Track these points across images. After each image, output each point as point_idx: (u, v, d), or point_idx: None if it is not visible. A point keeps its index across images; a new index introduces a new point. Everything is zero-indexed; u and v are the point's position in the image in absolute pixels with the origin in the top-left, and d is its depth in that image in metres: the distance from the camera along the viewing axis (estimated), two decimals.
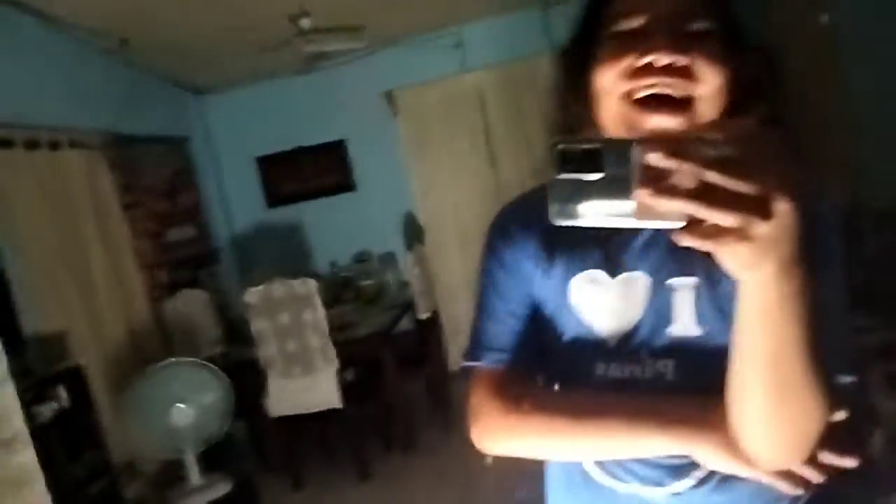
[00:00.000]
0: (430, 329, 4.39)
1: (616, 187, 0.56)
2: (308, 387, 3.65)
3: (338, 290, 4.73)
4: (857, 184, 3.87)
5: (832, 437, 0.74)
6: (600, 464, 0.90)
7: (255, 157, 5.53)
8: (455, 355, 4.65)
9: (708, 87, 0.75)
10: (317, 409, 3.67)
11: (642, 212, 0.56)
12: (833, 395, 0.70)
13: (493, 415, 0.90)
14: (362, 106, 5.26)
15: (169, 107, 5.11)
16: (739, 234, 0.53)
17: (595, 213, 0.58)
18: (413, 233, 5.29)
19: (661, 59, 0.73)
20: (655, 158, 0.53)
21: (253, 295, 3.63)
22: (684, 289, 0.85)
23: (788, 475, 0.78)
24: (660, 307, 0.86)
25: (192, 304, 4.23)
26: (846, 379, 0.78)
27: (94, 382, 3.24)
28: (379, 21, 4.38)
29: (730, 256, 0.56)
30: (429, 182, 5.25)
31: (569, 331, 0.91)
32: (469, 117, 5.08)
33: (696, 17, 0.76)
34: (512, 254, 0.94)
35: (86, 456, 2.97)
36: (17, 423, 1.43)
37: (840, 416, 0.76)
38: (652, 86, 0.75)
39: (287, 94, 5.39)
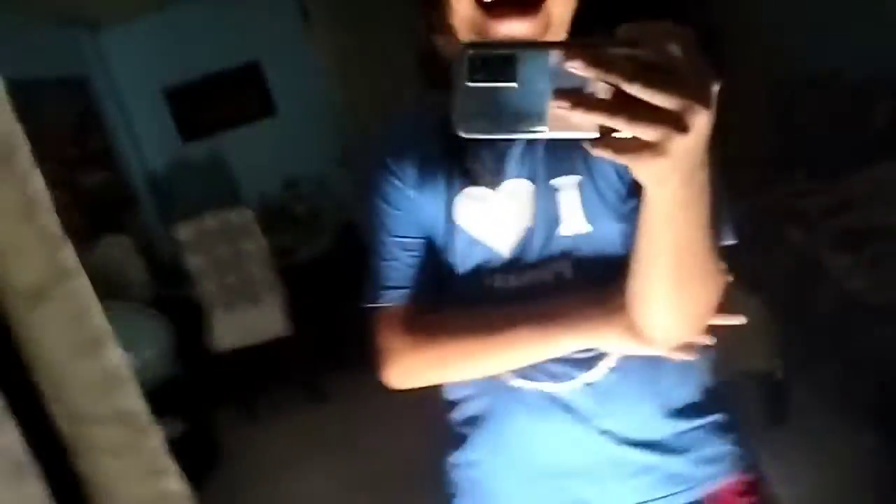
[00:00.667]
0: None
1: (530, 96, 0.52)
2: (254, 317, 3.54)
3: (271, 220, 4.54)
4: (778, 57, 3.89)
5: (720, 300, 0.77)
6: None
7: (162, 90, 5.16)
8: None
9: (555, 15, 0.75)
10: (265, 339, 3.57)
11: (555, 122, 0.53)
12: (722, 264, 0.72)
13: (405, 351, 0.90)
14: (274, 22, 4.92)
15: (62, 47, 4.68)
16: (657, 148, 0.51)
17: (505, 124, 0.54)
18: (344, 150, 5.10)
19: None
20: (574, 66, 0.50)
21: (184, 230, 3.44)
22: (568, 188, 0.85)
23: (685, 345, 0.82)
24: (547, 210, 0.86)
25: (115, 250, 4.00)
26: (728, 243, 0.80)
27: None
28: None
29: (645, 170, 0.54)
30: (357, 95, 5.02)
31: (462, 251, 0.90)
32: (392, 20, 4.82)
33: None
34: (393, 186, 0.93)
35: None
36: None
37: (727, 279, 0.77)
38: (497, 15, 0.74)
39: (189, 19, 4.99)
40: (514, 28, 0.75)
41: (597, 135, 0.53)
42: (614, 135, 0.52)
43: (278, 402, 3.85)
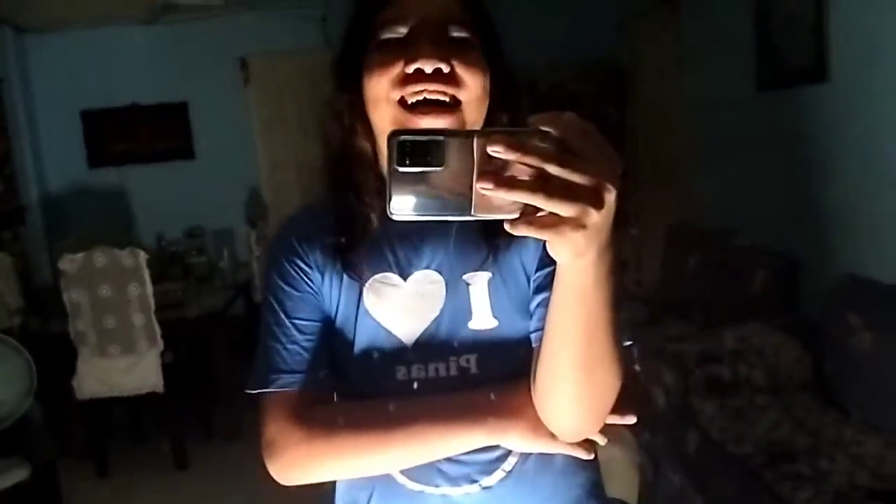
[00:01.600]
0: None
1: (456, 180, 0.55)
2: (126, 368, 3.34)
3: (164, 266, 4.36)
4: (684, 205, 4.22)
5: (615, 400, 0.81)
6: (408, 471, 0.88)
7: (81, 109, 4.99)
8: None
9: (471, 91, 0.80)
10: (135, 393, 3.37)
11: (480, 205, 0.56)
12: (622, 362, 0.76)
13: (295, 444, 0.84)
14: (211, 69, 4.92)
15: None
16: (575, 223, 0.55)
17: (433, 207, 0.57)
18: (256, 210, 5.03)
19: (427, 66, 0.77)
20: (496, 151, 0.53)
21: (70, 262, 3.26)
22: (479, 283, 0.87)
23: (583, 442, 0.84)
24: (456, 303, 0.87)
25: None
26: (626, 344, 0.85)
27: None
28: None
29: (563, 244, 0.57)
30: (277, 159, 5.02)
31: (365, 339, 0.89)
32: (326, 96, 4.90)
33: (455, 25, 0.81)
34: (297, 268, 0.90)
35: None
36: None
37: (623, 377, 0.80)
38: (421, 91, 0.79)
39: (125, 45, 4.93)
40: (434, 124, 0.78)
41: (517, 215, 0.56)
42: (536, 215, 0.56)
43: (135, 461, 3.61)
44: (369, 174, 0.88)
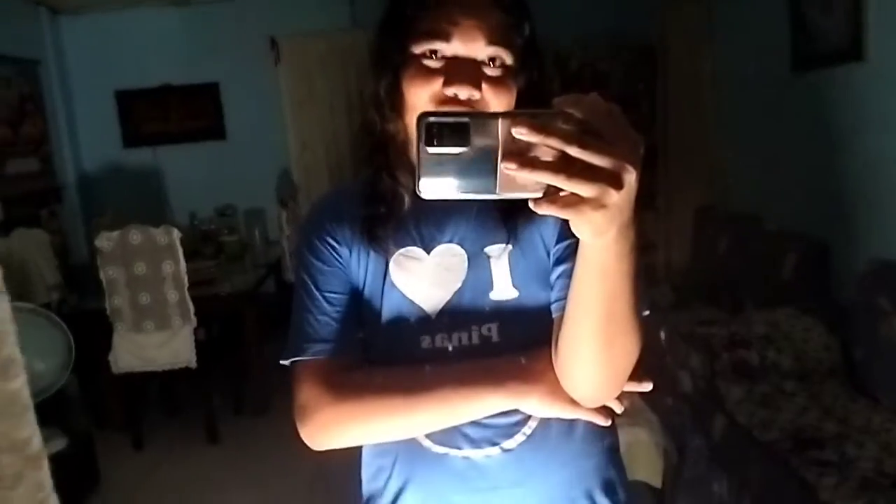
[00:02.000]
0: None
1: (481, 160, 0.58)
2: (160, 343, 3.42)
3: (196, 244, 4.44)
4: (713, 186, 4.16)
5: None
6: (431, 434, 0.92)
7: (115, 90, 5.07)
8: None
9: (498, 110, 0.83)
10: (169, 367, 3.45)
11: (504, 184, 0.58)
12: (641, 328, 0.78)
13: (325, 407, 0.89)
14: (241, 49, 4.94)
15: (18, 24, 4.55)
16: (595, 203, 0.57)
17: (460, 186, 0.59)
18: (287, 190, 5.08)
19: (463, 93, 0.82)
20: (520, 132, 0.55)
21: (106, 240, 3.33)
22: (500, 255, 0.92)
23: (601, 409, 0.87)
24: (478, 275, 0.92)
25: (28, 245, 3.81)
26: (645, 313, 0.85)
27: None
28: None
29: (585, 223, 0.59)
30: (306, 139, 5.05)
31: (392, 309, 0.93)
32: (355, 75, 4.91)
33: (493, 46, 0.84)
34: (327, 244, 0.95)
35: None
36: None
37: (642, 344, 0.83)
38: None
39: (159, 26, 4.97)
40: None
41: (541, 194, 0.58)
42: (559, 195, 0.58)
43: (168, 434, 3.71)
44: (402, 157, 0.92)
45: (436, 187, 0.59)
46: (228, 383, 3.90)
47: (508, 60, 0.85)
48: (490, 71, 0.84)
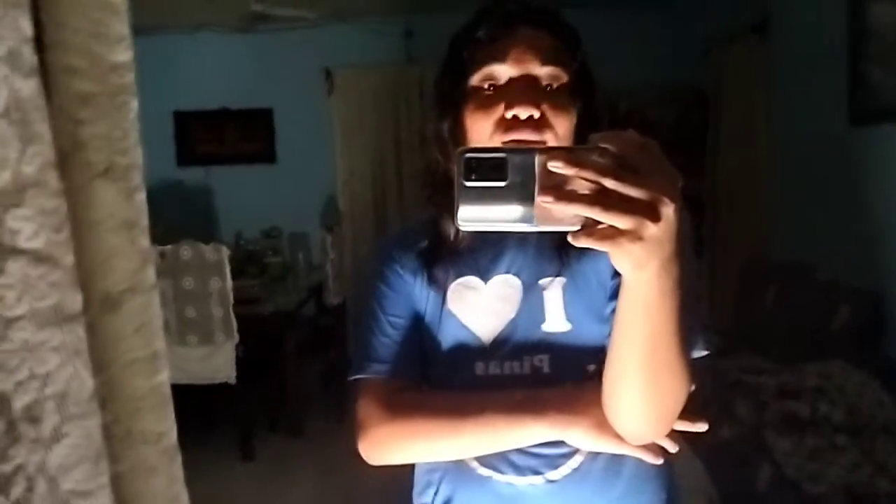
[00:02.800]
0: (337, 317, 4.28)
1: (519, 194, 0.59)
2: (203, 357, 3.46)
3: (241, 263, 4.52)
4: (762, 235, 4.11)
5: (685, 407, 0.83)
6: (480, 457, 0.94)
7: (172, 110, 5.22)
8: None
9: (558, 133, 0.86)
10: (209, 382, 3.49)
11: (542, 217, 0.59)
12: (691, 370, 0.78)
13: (380, 424, 0.93)
14: (297, 78, 5.07)
15: None
16: (632, 236, 0.57)
17: (499, 219, 0.60)
18: (332, 216, 5.15)
19: (522, 113, 0.84)
20: (556, 166, 0.57)
21: (158, 254, 3.40)
22: (553, 288, 0.94)
23: (652, 447, 0.87)
24: (532, 306, 0.94)
25: None
26: (700, 354, 0.86)
27: None
28: None
29: (623, 256, 0.60)
30: (354, 167, 5.13)
31: (449, 336, 0.97)
32: (406, 109, 5.00)
33: (549, 66, 0.86)
34: (394, 273, 1.01)
35: None
36: None
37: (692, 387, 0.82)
38: (514, 134, 0.86)
39: (220, 51, 5.14)
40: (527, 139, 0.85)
41: (578, 227, 0.59)
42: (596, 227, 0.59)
43: (203, 449, 3.73)
44: None
45: (474, 219, 0.61)
46: (265, 402, 3.92)
47: (564, 79, 0.88)
48: (548, 76, 0.87)
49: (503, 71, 0.87)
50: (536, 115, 0.84)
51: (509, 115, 0.84)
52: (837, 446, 2.45)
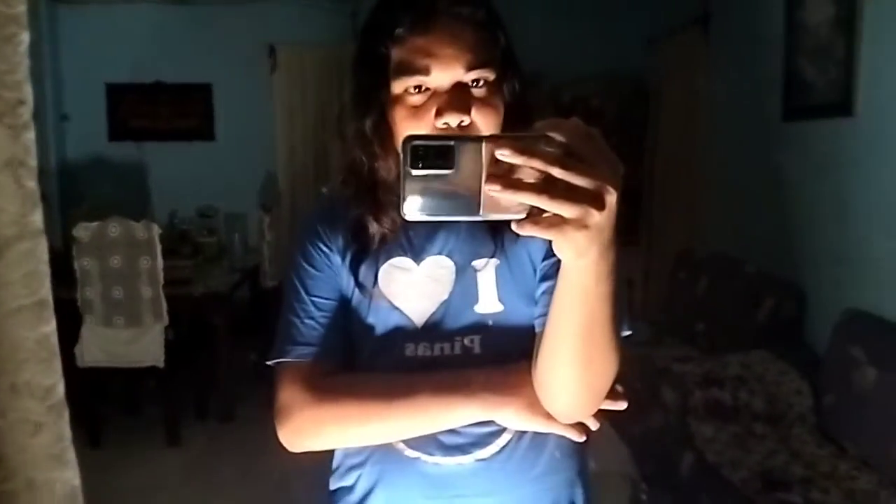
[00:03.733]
0: (272, 299, 4.20)
1: (465, 182, 0.59)
2: (129, 340, 3.35)
3: (174, 243, 4.38)
4: (695, 226, 4.22)
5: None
6: (406, 438, 0.92)
7: (105, 82, 5.02)
8: None
9: (490, 131, 0.86)
10: (136, 365, 3.38)
11: (488, 205, 0.59)
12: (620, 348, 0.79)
13: (303, 408, 0.90)
14: (238, 53, 4.95)
15: None
16: (577, 224, 0.58)
17: (443, 208, 0.60)
18: (271, 196, 5.05)
19: (453, 120, 0.83)
20: (504, 155, 0.57)
21: (84, 230, 3.28)
22: (487, 269, 0.93)
23: (577, 425, 0.88)
24: (465, 287, 0.93)
25: None
26: (624, 333, 0.86)
27: None
28: None
29: (567, 244, 0.60)
30: (294, 147, 5.04)
31: (379, 317, 0.95)
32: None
33: (475, 69, 0.85)
34: (319, 250, 0.97)
35: None
36: None
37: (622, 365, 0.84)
38: None
39: (155, 23, 4.95)
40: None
41: (524, 216, 0.59)
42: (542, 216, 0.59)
43: (127, 433, 3.63)
44: (391, 195, 0.92)
45: (419, 209, 0.60)
46: (194, 387, 3.83)
47: (491, 77, 0.87)
48: (476, 92, 0.86)
49: (429, 81, 0.85)
50: (467, 121, 0.84)
51: (440, 123, 0.84)
52: (756, 434, 2.54)
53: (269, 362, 0.96)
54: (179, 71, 5.01)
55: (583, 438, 0.89)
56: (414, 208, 0.60)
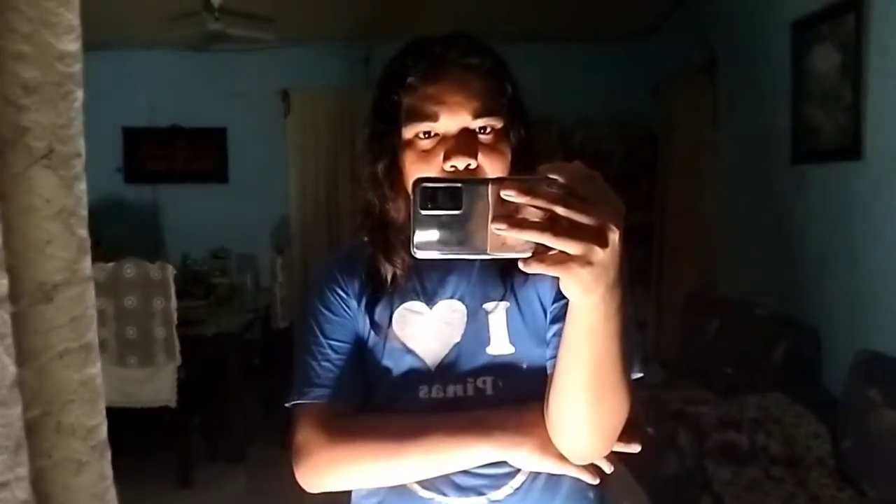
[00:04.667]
0: (283, 340, 4.20)
1: (472, 222, 0.62)
2: (142, 379, 3.35)
3: (187, 284, 4.41)
4: (706, 269, 4.22)
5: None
6: (420, 479, 0.93)
7: (122, 126, 5.12)
8: None
9: (496, 174, 0.89)
10: (149, 405, 3.37)
11: (495, 245, 0.62)
12: (631, 391, 0.80)
13: (319, 449, 0.92)
14: (253, 98, 5.04)
15: None
16: (582, 261, 0.60)
17: (452, 247, 0.62)
18: (283, 238, 5.09)
19: (460, 163, 0.87)
20: (509, 195, 0.60)
21: (99, 271, 3.30)
22: (498, 312, 0.96)
23: (590, 467, 0.89)
24: (476, 330, 0.96)
25: None
26: (636, 375, 0.88)
27: None
28: (290, 16, 4.26)
29: (573, 281, 0.62)
30: (307, 191, 5.10)
31: (393, 360, 0.97)
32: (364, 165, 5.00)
33: (481, 117, 0.90)
34: (336, 295, 1.00)
35: None
36: None
37: (634, 406, 0.85)
38: None
39: (173, 68, 5.07)
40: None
41: (530, 254, 0.61)
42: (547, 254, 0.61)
43: (138, 474, 3.58)
44: (402, 236, 0.95)
45: (429, 247, 0.63)
46: (206, 427, 3.81)
47: (497, 125, 0.91)
48: (483, 138, 0.90)
49: (438, 127, 0.90)
50: (473, 164, 0.88)
51: (448, 166, 0.88)
52: (774, 477, 2.51)
53: (287, 404, 0.98)
54: (195, 115, 5.10)
55: (596, 481, 0.90)
56: (423, 247, 0.63)
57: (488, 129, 0.90)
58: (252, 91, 5.04)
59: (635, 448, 0.89)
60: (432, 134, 0.90)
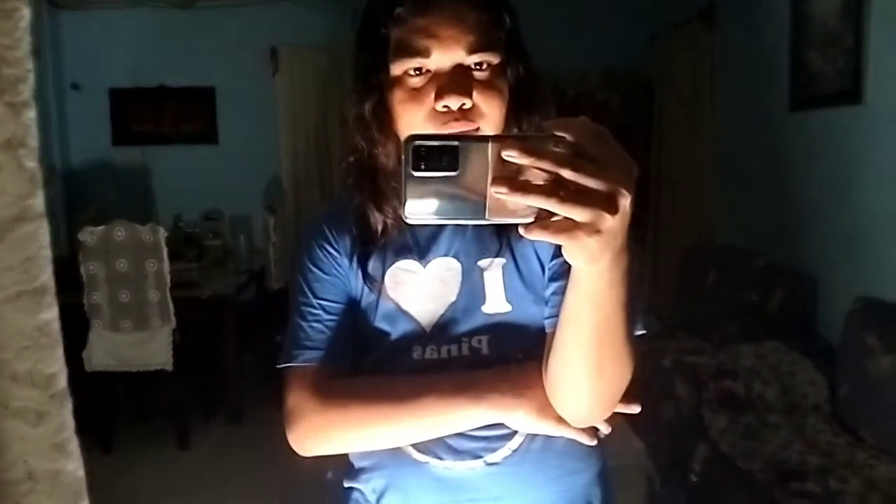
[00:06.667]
0: (278, 301, 4.19)
1: (470, 185, 0.56)
2: (137, 343, 3.34)
3: (179, 246, 4.37)
4: (704, 220, 4.19)
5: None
6: (416, 442, 0.90)
7: (108, 87, 5.03)
8: None
9: (491, 118, 0.83)
10: (145, 369, 3.37)
11: (494, 209, 0.56)
12: (633, 351, 0.76)
13: (311, 412, 0.89)
14: (240, 56, 4.95)
15: None
16: (589, 228, 0.55)
17: (448, 211, 0.57)
18: (276, 198, 5.04)
19: (454, 103, 0.80)
20: (511, 155, 0.54)
21: (89, 235, 3.27)
22: (493, 269, 0.91)
23: (587, 429, 0.86)
24: (472, 288, 0.91)
25: None
26: (637, 333, 0.83)
27: None
28: None
29: (578, 249, 0.57)
30: (298, 149, 5.03)
31: (386, 320, 0.93)
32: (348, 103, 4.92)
33: (477, 52, 0.82)
34: (326, 252, 0.95)
35: None
36: None
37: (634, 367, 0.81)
38: (447, 124, 0.82)
39: (159, 27, 4.96)
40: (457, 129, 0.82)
41: (532, 219, 0.56)
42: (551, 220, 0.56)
43: (138, 437, 3.61)
44: (392, 183, 0.90)
45: (422, 212, 0.57)
46: (202, 389, 3.82)
47: (494, 61, 0.84)
48: (478, 75, 0.83)
49: (429, 63, 0.82)
50: (468, 104, 0.81)
51: (440, 106, 0.81)
52: (770, 424, 2.51)
53: (278, 366, 0.94)
54: (182, 75, 5.01)
55: (594, 442, 0.88)
56: (416, 211, 0.57)
57: (484, 66, 0.83)
58: (239, 49, 4.94)
59: (635, 409, 0.86)
60: (423, 70, 0.82)
